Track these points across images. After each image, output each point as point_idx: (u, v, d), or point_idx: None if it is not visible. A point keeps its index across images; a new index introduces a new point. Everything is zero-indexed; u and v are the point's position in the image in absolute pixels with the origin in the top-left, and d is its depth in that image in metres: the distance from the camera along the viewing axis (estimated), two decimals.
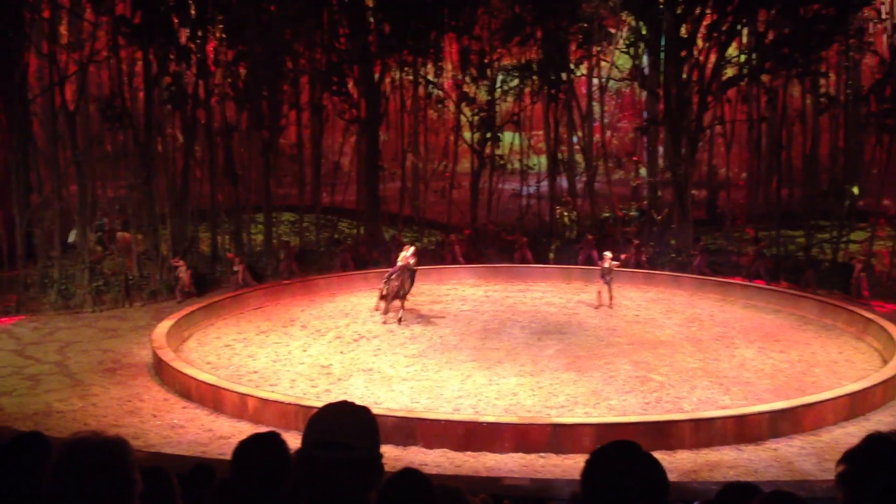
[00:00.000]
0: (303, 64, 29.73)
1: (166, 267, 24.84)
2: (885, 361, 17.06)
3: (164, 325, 19.23)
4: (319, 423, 2.52)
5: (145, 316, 22.39)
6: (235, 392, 15.25)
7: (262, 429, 3.86)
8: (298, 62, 29.52)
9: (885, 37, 28.43)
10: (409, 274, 21.26)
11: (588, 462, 2.45)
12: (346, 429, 2.48)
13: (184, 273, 24.00)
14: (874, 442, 2.30)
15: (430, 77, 31.98)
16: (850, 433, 13.59)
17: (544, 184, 32.13)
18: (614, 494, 2.35)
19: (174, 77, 26.22)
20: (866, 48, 28.70)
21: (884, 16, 28.54)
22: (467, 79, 31.55)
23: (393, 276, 21.40)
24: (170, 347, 17.86)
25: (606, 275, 22.62)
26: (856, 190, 27.05)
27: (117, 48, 25.95)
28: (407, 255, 21.49)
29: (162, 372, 17.10)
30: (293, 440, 2.52)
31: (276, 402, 14.75)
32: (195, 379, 15.93)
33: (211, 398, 15.48)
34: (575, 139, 33.22)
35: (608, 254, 22.91)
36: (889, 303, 22.79)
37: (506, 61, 32.34)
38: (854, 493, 2.26)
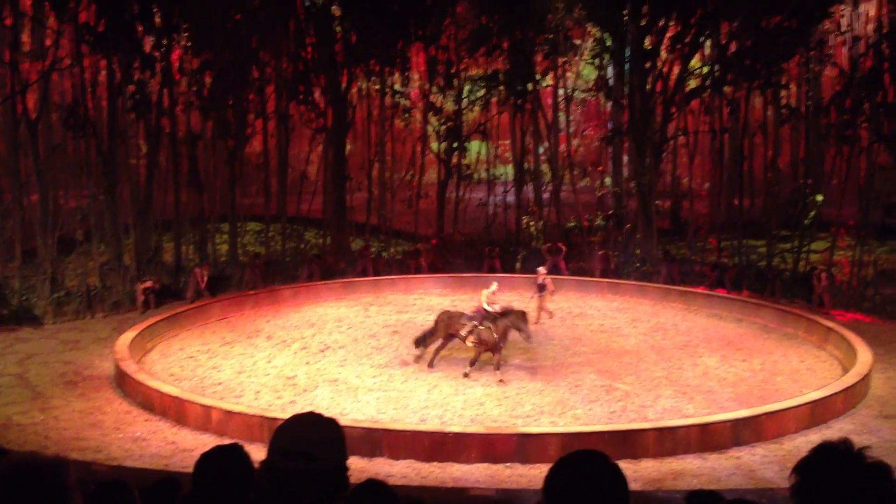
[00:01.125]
0: (269, 72, 29.63)
1: (128, 278, 24.55)
2: (846, 370, 17.31)
3: (127, 337, 18.98)
4: (285, 433, 2.52)
5: (107, 327, 22.10)
6: (199, 404, 15.09)
7: (226, 441, 3.83)
8: (264, 71, 29.43)
9: (844, 49, 28.99)
10: (513, 319, 17.59)
11: (550, 471, 2.46)
12: (311, 439, 2.48)
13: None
14: (823, 451, 2.33)
15: (397, 87, 32.04)
16: (812, 441, 13.67)
17: (511, 193, 32.26)
18: (576, 502, 2.37)
19: (138, 85, 26.03)
20: (826, 60, 29.27)
21: (843, 28, 29.08)
22: (434, 89, 31.63)
23: (481, 325, 17.52)
24: (132, 359, 17.63)
25: (541, 290, 21.96)
26: (819, 197, 27.51)
27: (81, 56, 25.67)
28: (489, 292, 18.29)
29: (124, 384, 16.87)
30: (258, 452, 2.51)
31: (240, 413, 14.61)
32: (158, 391, 15.74)
33: (174, 410, 15.30)
34: (541, 149, 33.43)
35: (542, 269, 22.57)
36: (849, 312, 23.18)
37: (473, 71, 32.50)
38: (807, 502, 2.29)
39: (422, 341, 18.34)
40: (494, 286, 18.67)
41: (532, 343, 18.45)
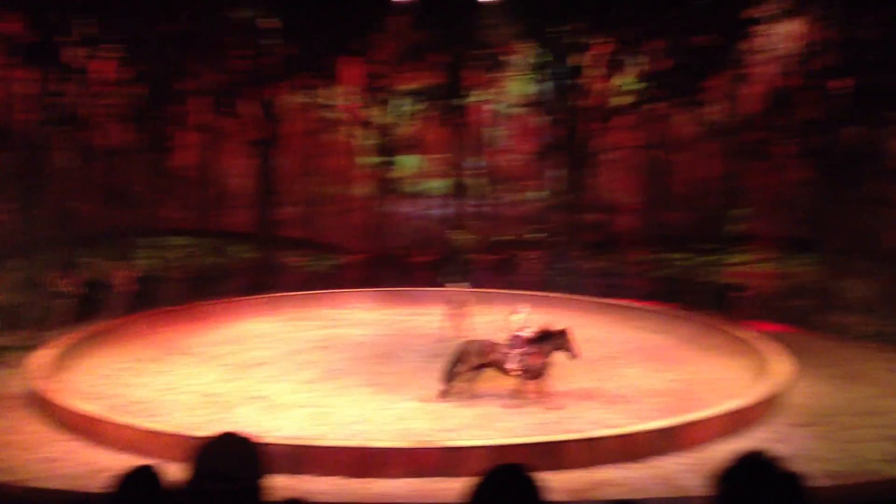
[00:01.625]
0: (196, 84, 29.19)
1: (47, 293, 23.86)
2: (764, 380, 17.72)
3: (42, 355, 18.41)
4: (204, 454, 2.49)
5: (22, 345, 21.41)
6: (115, 423, 14.69)
7: (144, 461, 3.73)
8: (190, 82, 28.98)
9: (767, 67, 29.77)
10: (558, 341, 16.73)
11: (474, 487, 2.49)
12: (229, 459, 2.45)
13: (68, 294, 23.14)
14: (739, 461, 2.39)
15: (327, 100, 31.87)
16: (730, 450, 13.99)
17: (442, 207, 32.33)
18: None
19: (60, 96, 25.37)
20: (749, 79, 30.09)
21: (766, 48, 29.91)
22: (365, 102, 31.58)
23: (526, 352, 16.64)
24: (47, 378, 17.11)
25: (455, 306, 21.53)
26: (741, 211, 28.28)
27: (2, 66, 24.97)
28: (520, 318, 17.09)
29: (38, 404, 16.35)
30: (178, 472, 2.46)
31: (158, 433, 14.26)
32: (72, 411, 15.29)
33: (90, 430, 14.86)
34: (473, 163, 33.61)
35: (455, 287, 22.38)
36: (767, 322, 23.79)
37: (404, 85, 32.53)
38: None
39: (450, 375, 16.96)
40: (525, 312, 17.31)
41: (579, 358, 17.22)
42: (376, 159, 31.77)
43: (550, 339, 16.60)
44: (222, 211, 33.02)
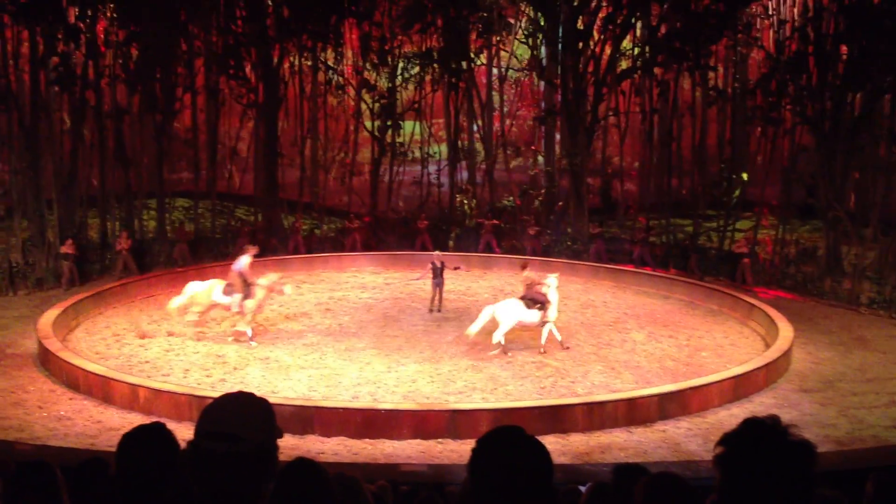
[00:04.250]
0: (198, 46, 28.95)
1: (53, 254, 23.92)
2: (768, 345, 17.87)
3: (51, 314, 18.50)
4: (212, 413, 2.49)
5: (30, 305, 21.52)
6: (125, 382, 14.83)
7: (154, 420, 3.78)
8: (193, 44, 28.73)
9: (771, 32, 29.61)
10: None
11: (474, 449, 2.49)
12: (238, 420, 2.44)
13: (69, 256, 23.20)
14: (750, 426, 2.39)
15: (330, 63, 31.64)
16: (734, 415, 14.18)
17: (445, 172, 32.26)
18: (500, 479, 2.40)
19: (62, 57, 25.16)
20: (753, 43, 29.93)
21: (770, 12, 29.71)
22: (368, 65, 31.36)
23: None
24: (56, 337, 17.22)
25: (437, 275, 21.17)
26: (745, 175, 28.24)
27: (2, 27, 24.74)
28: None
29: (48, 362, 16.47)
30: (186, 431, 2.49)
31: (168, 392, 14.41)
32: (83, 369, 15.42)
33: (100, 389, 15.01)
34: (475, 128, 33.46)
35: (437, 252, 21.92)
36: (772, 289, 23.88)
37: (407, 49, 32.26)
38: (730, 474, 2.35)
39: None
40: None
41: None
42: (379, 123, 31.59)
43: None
44: (226, 173, 32.98)
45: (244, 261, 18.64)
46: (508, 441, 2.48)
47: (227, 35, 29.02)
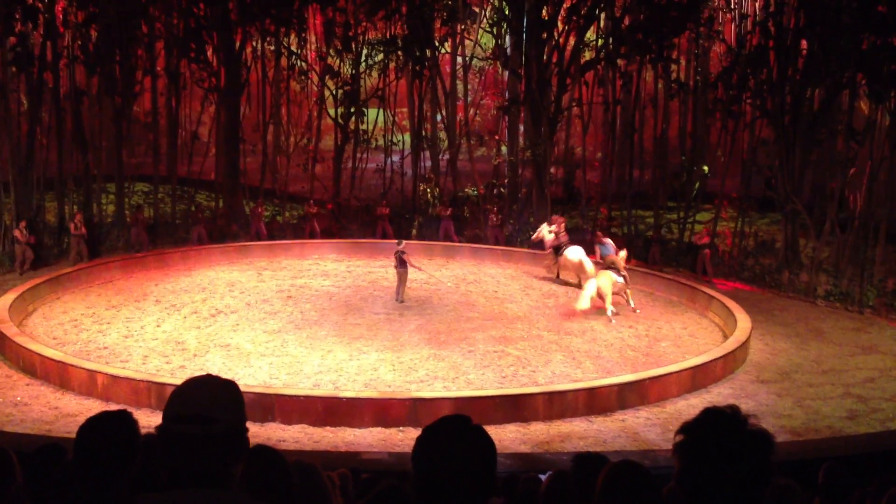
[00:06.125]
0: (159, 28, 28.54)
1: (8, 238, 23.48)
2: (726, 336, 18.11)
3: (6, 299, 18.19)
4: (181, 397, 2.48)
5: None
6: (83, 368, 14.63)
7: (112, 406, 3.73)
8: (154, 26, 28.31)
9: (732, 26, 29.92)
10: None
11: (418, 438, 2.49)
12: (207, 403, 2.44)
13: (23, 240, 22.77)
14: (710, 415, 2.42)
15: (294, 48, 31.34)
16: (692, 405, 14.38)
17: (408, 161, 32.16)
18: (440, 467, 2.40)
19: (20, 37, 24.64)
20: (715, 37, 30.23)
21: (732, 6, 30.03)
22: (331, 52, 31.11)
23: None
24: (12, 322, 16.94)
25: (400, 266, 20.92)
26: (706, 168, 28.53)
27: None
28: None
29: (4, 347, 16.20)
30: (145, 418, 2.46)
31: (126, 378, 14.24)
32: (40, 355, 15.19)
33: (57, 375, 14.80)
34: (439, 116, 33.41)
35: (401, 242, 21.45)
36: (730, 281, 24.21)
37: (371, 35, 32.06)
38: (689, 462, 2.38)
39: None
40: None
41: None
42: (343, 110, 31.37)
43: None
44: (186, 158, 32.56)
45: (610, 245, 22.32)
46: (451, 430, 2.48)
47: (189, 18, 28.61)
